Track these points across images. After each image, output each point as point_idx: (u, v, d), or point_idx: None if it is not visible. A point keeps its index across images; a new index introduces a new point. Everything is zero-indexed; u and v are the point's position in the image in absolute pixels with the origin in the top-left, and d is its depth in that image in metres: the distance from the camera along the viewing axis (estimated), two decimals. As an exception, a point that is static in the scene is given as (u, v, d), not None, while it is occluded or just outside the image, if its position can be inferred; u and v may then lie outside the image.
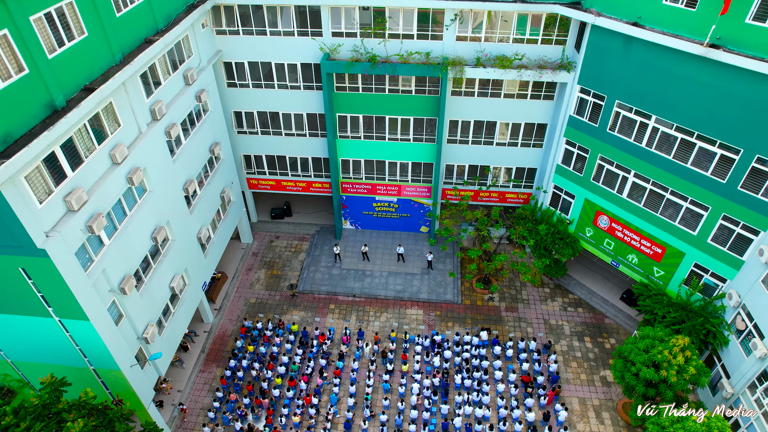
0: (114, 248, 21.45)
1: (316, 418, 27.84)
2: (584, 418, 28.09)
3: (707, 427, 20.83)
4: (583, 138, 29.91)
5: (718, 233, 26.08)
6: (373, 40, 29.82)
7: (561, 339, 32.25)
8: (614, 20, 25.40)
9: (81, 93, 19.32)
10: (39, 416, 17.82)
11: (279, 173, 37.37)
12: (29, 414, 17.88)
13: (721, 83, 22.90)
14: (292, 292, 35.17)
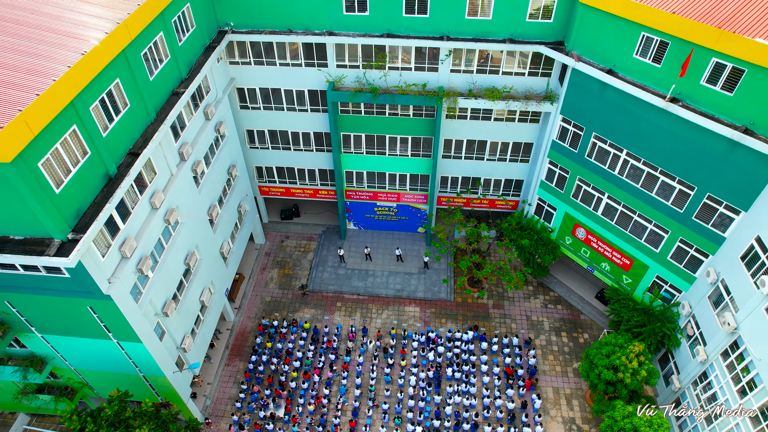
0: (157, 280, 25.52)
1: (327, 406, 32.87)
2: (557, 405, 33.15)
3: (649, 423, 25.68)
4: (564, 161, 33.42)
5: (675, 252, 30.15)
6: (375, 72, 32.75)
7: (541, 334, 36.97)
8: (592, 66, 28.44)
9: (128, 158, 22.83)
10: (112, 424, 22.50)
11: (288, 182, 40.95)
12: (105, 421, 22.56)
13: (680, 130, 26.31)
14: (303, 291, 39.58)
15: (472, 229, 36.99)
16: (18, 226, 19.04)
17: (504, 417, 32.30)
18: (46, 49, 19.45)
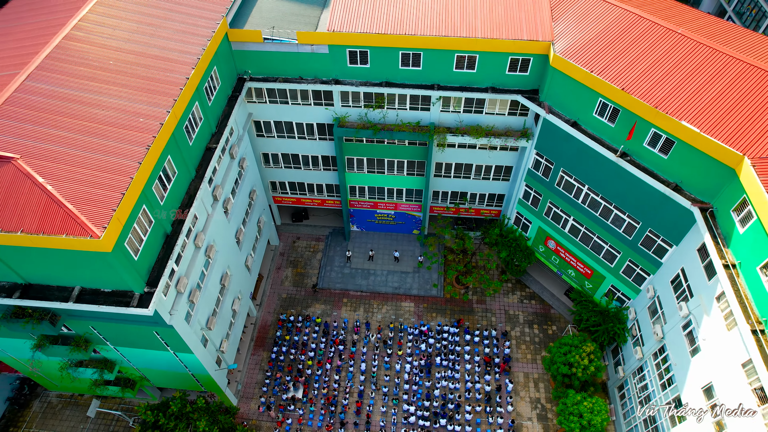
0: (202, 303, 32.03)
1: (337, 389, 40.37)
2: (526, 387, 40.68)
3: (590, 408, 33.06)
4: (537, 186, 39.20)
5: (626, 269, 36.60)
6: (375, 111, 37.86)
7: (516, 326, 44.08)
8: (560, 117, 33.75)
9: (177, 213, 28.73)
10: (176, 417, 29.69)
11: (299, 193, 46.75)
12: (172, 415, 29.76)
13: (629, 178, 32.00)
14: (314, 289, 46.33)
15: (457, 234, 43.29)
16: (108, 283, 25.27)
17: (482, 398, 39.86)
18: (116, 145, 24.93)
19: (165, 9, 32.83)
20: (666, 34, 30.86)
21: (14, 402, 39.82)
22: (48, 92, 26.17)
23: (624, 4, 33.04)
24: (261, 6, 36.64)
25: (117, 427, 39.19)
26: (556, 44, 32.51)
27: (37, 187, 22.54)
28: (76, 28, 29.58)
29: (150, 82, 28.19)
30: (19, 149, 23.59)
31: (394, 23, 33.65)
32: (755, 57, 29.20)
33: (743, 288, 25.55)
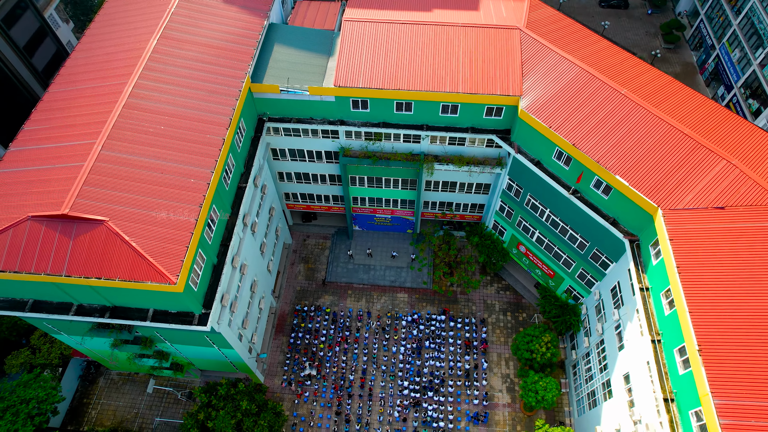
0: (238, 309, 40.71)
1: (345, 368, 49.93)
2: (498, 365, 50.26)
3: (545, 387, 42.54)
4: (510, 203, 47.15)
5: (579, 275, 45.22)
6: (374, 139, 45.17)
7: (492, 314, 53.24)
8: (526, 156, 41.31)
9: (221, 248, 36.80)
10: (223, 398, 39.06)
11: (309, 201, 54.60)
12: (221, 399, 39.14)
13: (579, 209, 39.94)
14: (324, 282, 55.11)
15: (444, 238, 51.76)
16: (174, 308, 33.77)
17: (462, 374, 49.52)
18: (176, 205, 32.69)
19: (198, 70, 39.50)
20: (612, 95, 37.97)
21: (84, 379, 49.42)
22: (119, 160, 33.63)
23: (581, 62, 39.83)
24: (276, 57, 43.14)
25: (167, 399, 48.96)
26: (523, 99, 39.62)
27: (125, 244, 30.55)
28: (132, 96, 36.53)
29: (195, 145, 35.56)
30: (107, 212, 31.39)
31: (389, 78, 40.47)
32: (679, 117, 36.55)
33: (651, 307, 34.27)
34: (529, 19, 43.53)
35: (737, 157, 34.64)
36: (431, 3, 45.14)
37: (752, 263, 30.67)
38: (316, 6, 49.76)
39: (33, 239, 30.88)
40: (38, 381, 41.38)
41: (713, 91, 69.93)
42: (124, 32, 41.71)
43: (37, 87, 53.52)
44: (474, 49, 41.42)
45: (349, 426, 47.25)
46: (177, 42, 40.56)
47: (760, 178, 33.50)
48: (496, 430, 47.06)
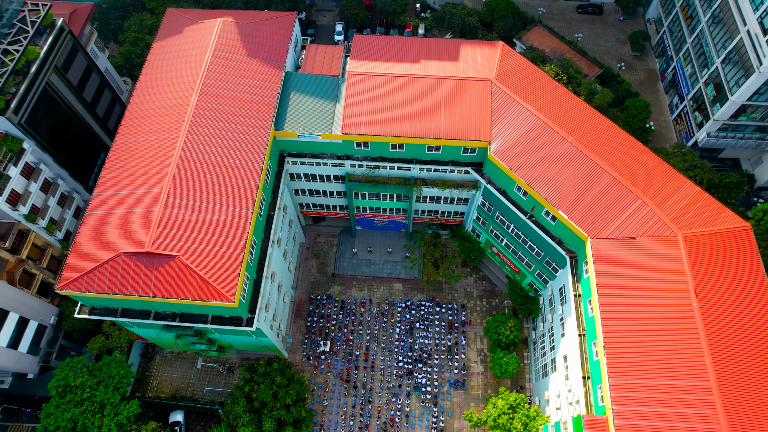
0: (271, 308, 52.75)
1: (352, 346, 62.80)
2: (474, 342, 63.18)
3: (507, 361, 55.41)
4: (484, 215, 58.52)
5: (537, 274, 57.26)
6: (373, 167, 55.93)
7: (471, 300, 65.70)
8: (494, 186, 52.37)
9: (258, 266, 48.43)
10: (262, 375, 51.89)
11: (319, 208, 65.78)
12: (261, 375, 51.93)
13: (534, 229, 51.42)
14: (333, 275, 67.18)
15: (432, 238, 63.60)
16: (227, 313, 45.75)
17: (445, 349, 62.48)
18: (226, 241, 43.96)
19: (232, 122, 49.63)
20: (561, 142, 48.64)
21: (145, 356, 62.24)
22: (180, 205, 44.61)
23: (539, 112, 50.17)
24: (293, 104, 53.13)
25: (211, 372, 61.97)
26: (492, 143, 50.29)
27: (194, 273, 42.13)
28: (183, 149, 47.00)
29: (235, 189, 46.44)
30: (177, 249, 42.74)
31: (385, 126, 50.84)
32: (611, 161, 47.41)
33: (581, 309, 46.50)
34: (499, 69, 53.35)
35: (649, 197, 45.86)
36: (419, 54, 54.74)
37: (651, 283, 42.58)
38: (323, 49, 59.06)
39: (126, 269, 42.43)
40: (117, 361, 53.92)
41: (670, 99, 79.82)
42: (169, 87, 51.50)
43: (88, 117, 63.27)
44: (453, 100, 51.59)
45: (356, 391, 60.61)
46: (213, 97, 50.51)
47: (663, 214, 44.88)
48: (471, 393, 60.51)
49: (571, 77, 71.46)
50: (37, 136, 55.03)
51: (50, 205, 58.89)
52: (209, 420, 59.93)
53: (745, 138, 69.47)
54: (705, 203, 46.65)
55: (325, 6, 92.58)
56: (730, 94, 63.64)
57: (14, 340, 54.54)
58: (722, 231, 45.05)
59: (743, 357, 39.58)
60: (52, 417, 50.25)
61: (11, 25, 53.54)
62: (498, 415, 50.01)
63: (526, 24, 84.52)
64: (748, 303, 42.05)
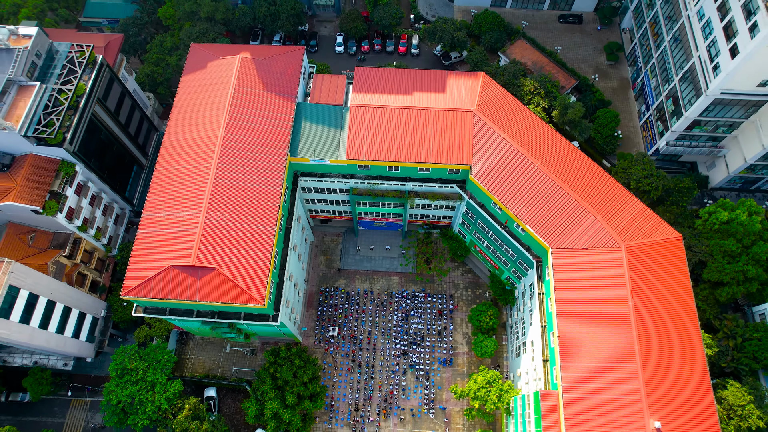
0: (290, 304, 63.63)
1: (356, 330, 74.19)
2: (461, 326, 74.60)
3: (487, 343, 66.86)
4: (468, 221, 68.96)
5: (513, 271, 68.11)
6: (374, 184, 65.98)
7: (458, 290, 76.80)
8: (474, 201, 62.65)
9: (281, 271, 59.08)
10: (283, 357, 63.24)
11: (326, 213, 76.03)
12: (282, 359, 63.34)
13: (507, 237, 61.97)
14: (339, 270, 78.01)
15: (425, 237, 74.24)
16: (257, 311, 56.63)
17: (436, 333, 73.93)
18: (255, 254, 54.40)
19: (254, 151, 59.25)
20: (530, 166, 58.62)
21: (180, 342, 73.56)
22: (216, 225, 54.80)
23: (512, 139, 59.91)
24: (304, 132, 62.64)
25: (237, 354, 73.42)
26: (473, 167, 60.25)
27: (231, 282, 52.75)
28: (216, 177, 56.86)
29: (260, 210, 56.57)
30: (216, 262, 53.22)
31: (383, 152, 60.62)
32: (571, 182, 57.48)
33: (543, 305, 57.51)
34: (480, 99, 62.79)
35: (601, 213, 56.22)
36: (411, 86, 64.04)
37: (598, 286, 53.38)
38: (328, 79, 68.08)
39: (176, 279, 53.03)
40: (160, 348, 65.07)
41: (639, 106, 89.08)
42: (199, 120, 60.89)
43: (123, 136, 72.66)
44: (440, 129, 61.26)
45: (360, 369, 72.30)
46: (236, 129, 59.99)
47: (610, 228, 55.34)
48: (457, 369, 72.27)
49: (548, 91, 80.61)
50: (85, 159, 64.70)
51: (96, 216, 69.11)
52: (237, 395, 71.75)
53: (699, 146, 79.34)
54: (647, 218, 57.10)
55: (326, 17, 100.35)
56: (685, 110, 73.15)
57: (76, 331, 65.67)
58: (658, 241, 55.67)
59: (663, 343, 50.83)
60: (113, 394, 61.74)
61: (62, 66, 62.44)
62: (477, 389, 61.70)
63: (511, 35, 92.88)
64: (673, 300, 53.06)
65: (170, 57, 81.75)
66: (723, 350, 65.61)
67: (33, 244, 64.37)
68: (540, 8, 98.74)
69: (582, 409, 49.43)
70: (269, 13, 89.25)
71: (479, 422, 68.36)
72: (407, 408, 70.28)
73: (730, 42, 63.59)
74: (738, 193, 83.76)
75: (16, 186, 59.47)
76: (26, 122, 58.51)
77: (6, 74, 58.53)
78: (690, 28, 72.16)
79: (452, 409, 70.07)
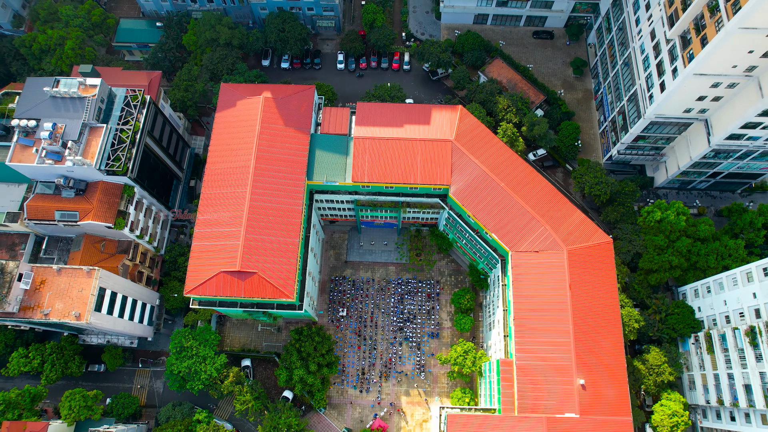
0: (310, 294, 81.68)
1: (361, 310, 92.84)
2: (445, 307, 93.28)
3: (466, 321, 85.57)
4: (450, 224, 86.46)
5: (486, 263, 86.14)
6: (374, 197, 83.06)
7: (443, 277, 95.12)
8: (453, 212, 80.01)
9: (302, 270, 76.96)
10: (305, 335, 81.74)
11: (333, 216, 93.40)
12: (304, 336, 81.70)
13: (479, 240, 79.59)
14: (345, 262, 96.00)
15: (416, 233, 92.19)
16: (286, 303, 74.74)
17: (425, 313, 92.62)
18: (284, 260, 72.03)
19: (278, 177, 75.88)
20: (495, 186, 75.66)
21: (219, 323, 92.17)
22: (254, 239, 72.17)
23: (482, 164, 76.64)
24: (318, 159, 79.13)
25: (266, 332, 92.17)
26: (451, 186, 77.27)
27: (268, 282, 70.59)
28: (251, 200, 73.76)
29: (286, 225, 73.82)
30: (256, 267, 70.91)
31: (381, 175, 77.43)
32: (527, 198, 74.65)
33: (505, 293, 75.84)
34: (458, 130, 79.15)
35: (549, 223, 73.69)
36: (404, 119, 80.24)
37: (545, 281, 71.38)
38: (335, 111, 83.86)
39: (225, 281, 70.85)
40: (207, 329, 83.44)
41: (599, 116, 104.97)
42: (234, 152, 77.23)
43: (165, 157, 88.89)
44: (425, 156, 77.92)
45: (365, 342, 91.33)
46: (264, 160, 76.45)
47: (556, 235, 72.94)
48: (443, 341, 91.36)
49: (519, 108, 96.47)
50: (141, 182, 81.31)
51: (149, 225, 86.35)
52: (267, 364, 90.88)
53: (643, 155, 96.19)
54: (586, 226, 74.60)
55: (327, 35, 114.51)
56: (630, 128, 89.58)
57: (140, 317, 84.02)
58: (593, 245, 73.40)
59: (590, 324, 69.31)
60: (174, 366, 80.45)
61: (121, 108, 78.22)
62: (457, 356, 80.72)
63: (490, 52, 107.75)
64: (601, 291, 71.24)
65: (197, 84, 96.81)
66: (651, 323, 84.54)
67: (104, 250, 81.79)
68: (517, 25, 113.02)
69: (529, 372, 68.23)
70: (279, 38, 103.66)
71: (459, 382, 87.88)
72: (403, 372, 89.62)
73: (661, 78, 79.63)
74: (677, 192, 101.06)
75: (93, 207, 76.37)
76: (99, 158, 74.83)
77: (81, 120, 74.44)
78: (635, 58, 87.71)
79: (438, 372, 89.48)
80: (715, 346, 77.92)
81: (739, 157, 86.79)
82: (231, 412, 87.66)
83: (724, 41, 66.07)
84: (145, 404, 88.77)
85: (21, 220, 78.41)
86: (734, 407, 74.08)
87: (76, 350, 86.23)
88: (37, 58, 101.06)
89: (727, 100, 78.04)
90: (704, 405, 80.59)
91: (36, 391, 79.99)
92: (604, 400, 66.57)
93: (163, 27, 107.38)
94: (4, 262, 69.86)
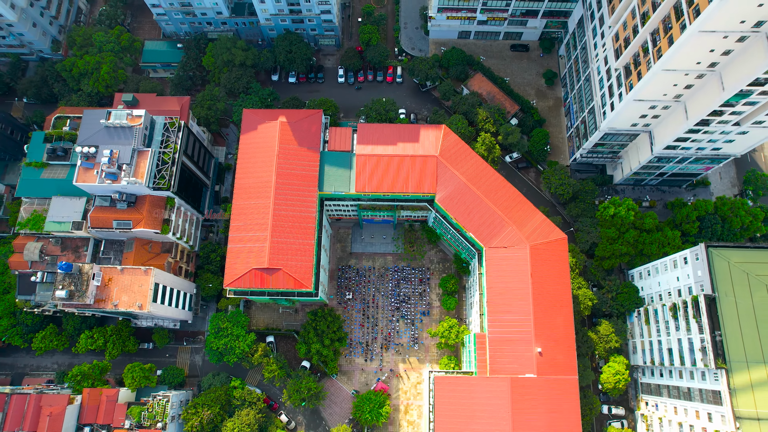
0: (322, 283, 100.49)
1: (365, 294, 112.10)
2: (435, 290, 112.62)
3: (450, 302, 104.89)
4: (437, 221, 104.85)
5: (467, 254, 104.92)
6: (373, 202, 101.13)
7: (432, 264, 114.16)
8: (439, 214, 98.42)
9: (317, 264, 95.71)
10: (319, 316, 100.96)
11: (339, 215, 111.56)
12: (319, 317, 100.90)
13: (460, 237, 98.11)
14: (350, 253, 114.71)
15: (409, 227, 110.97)
16: (306, 292, 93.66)
17: (418, 294, 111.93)
18: (303, 258, 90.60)
19: (295, 190, 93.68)
20: (472, 194, 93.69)
21: (246, 306, 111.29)
22: (280, 241, 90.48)
23: (462, 176, 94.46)
24: (327, 173, 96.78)
25: (286, 313, 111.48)
26: (437, 195, 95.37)
27: (290, 276, 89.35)
28: (274, 210, 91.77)
29: (302, 230, 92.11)
30: (281, 264, 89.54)
31: (378, 186, 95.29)
32: (499, 204, 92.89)
33: (481, 280, 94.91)
34: (442, 147, 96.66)
35: (515, 223, 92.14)
36: (397, 137, 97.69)
37: (512, 270, 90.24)
38: (340, 131, 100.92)
39: (256, 276, 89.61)
40: (238, 313, 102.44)
41: (567, 122, 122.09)
42: (257, 169, 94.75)
43: (196, 170, 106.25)
44: (415, 169, 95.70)
45: (368, 320, 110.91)
46: (283, 175, 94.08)
47: (521, 234, 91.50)
48: (432, 318, 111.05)
49: (496, 119, 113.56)
50: (179, 194, 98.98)
51: (186, 228, 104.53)
52: (288, 340, 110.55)
53: (603, 157, 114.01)
54: (546, 225, 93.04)
55: (328, 51, 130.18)
56: (589, 136, 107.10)
57: (183, 304, 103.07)
58: (551, 241, 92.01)
59: (547, 304, 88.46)
60: (213, 344, 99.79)
61: (161, 133, 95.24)
62: (444, 331, 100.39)
63: (473, 65, 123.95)
64: (556, 278, 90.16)
65: (219, 103, 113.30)
66: (604, 300, 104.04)
67: (151, 250, 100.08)
68: (496, 39, 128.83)
69: (499, 343, 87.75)
70: (287, 58, 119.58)
71: (446, 351, 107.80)
72: (400, 343, 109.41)
73: (611, 98, 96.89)
74: (633, 187, 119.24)
75: (143, 217, 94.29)
76: (147, 177, 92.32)
77: (131, 145, 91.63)
78: (594, 77, 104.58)
79: (429, 343, 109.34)
80: (650, 319, 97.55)
81: (678, 162, 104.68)
82: (259, 380, 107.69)
83: (652, 78, 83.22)
84: (188, 374, 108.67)
85: (85, 228, 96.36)
86: (661, 366, 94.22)
87: (131, 332, 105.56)
88: (77, 80, 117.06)
89: (664, 118, 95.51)
90: (643, 365, 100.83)
91: (102, 365, 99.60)
92: (556, 363, 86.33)
93: (183, 48, 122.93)
94: (82, 265, 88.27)
